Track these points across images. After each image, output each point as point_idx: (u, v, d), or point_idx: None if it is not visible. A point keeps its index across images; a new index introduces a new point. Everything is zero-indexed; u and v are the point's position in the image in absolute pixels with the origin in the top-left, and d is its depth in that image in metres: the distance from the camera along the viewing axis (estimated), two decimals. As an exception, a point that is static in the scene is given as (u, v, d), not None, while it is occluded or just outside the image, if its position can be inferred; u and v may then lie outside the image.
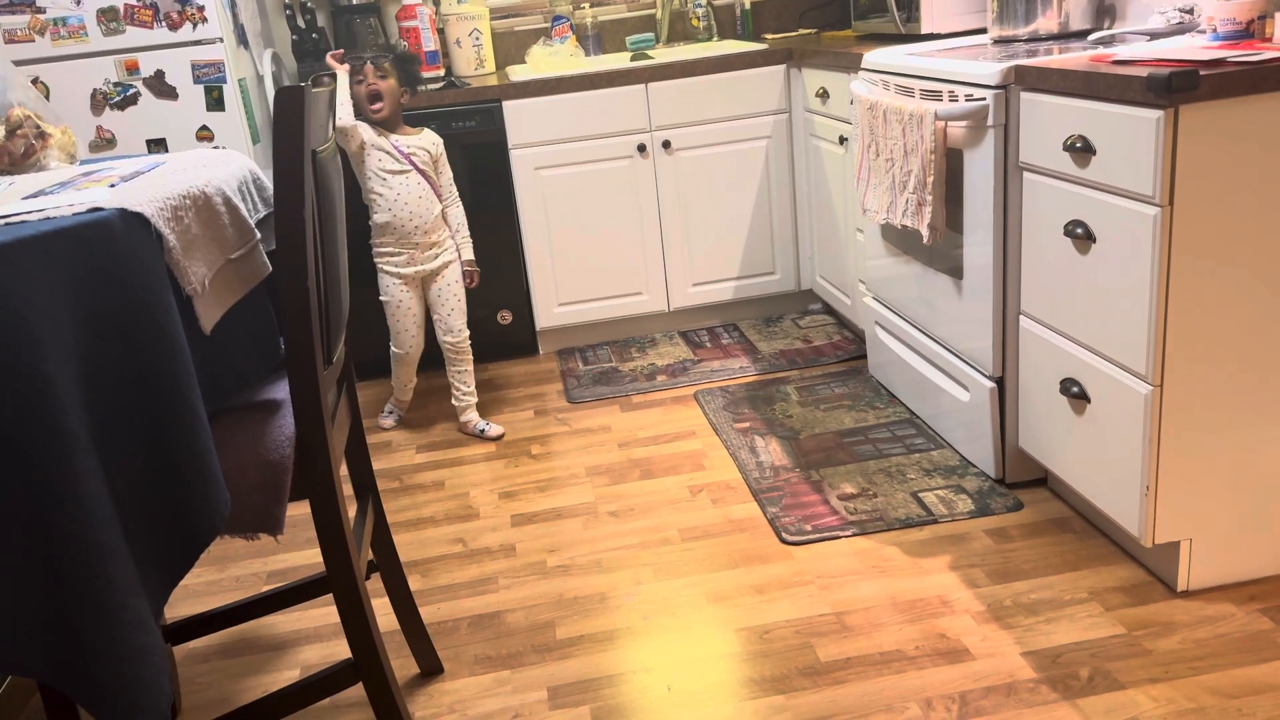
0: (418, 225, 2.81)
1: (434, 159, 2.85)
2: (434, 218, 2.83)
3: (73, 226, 1.14)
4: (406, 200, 2.78)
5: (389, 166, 2.78)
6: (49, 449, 1.07)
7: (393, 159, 2.78)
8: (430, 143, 2.85)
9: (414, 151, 2.81)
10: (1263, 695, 1.63)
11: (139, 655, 1.14)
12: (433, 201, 2.83)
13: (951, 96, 2.24)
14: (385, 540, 1.84)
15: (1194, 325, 1.74)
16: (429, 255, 2.86)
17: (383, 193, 2.79)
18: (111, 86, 3.07)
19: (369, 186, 2.79)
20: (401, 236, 2.81)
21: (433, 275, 2.89)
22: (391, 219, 2.80)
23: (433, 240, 2.86)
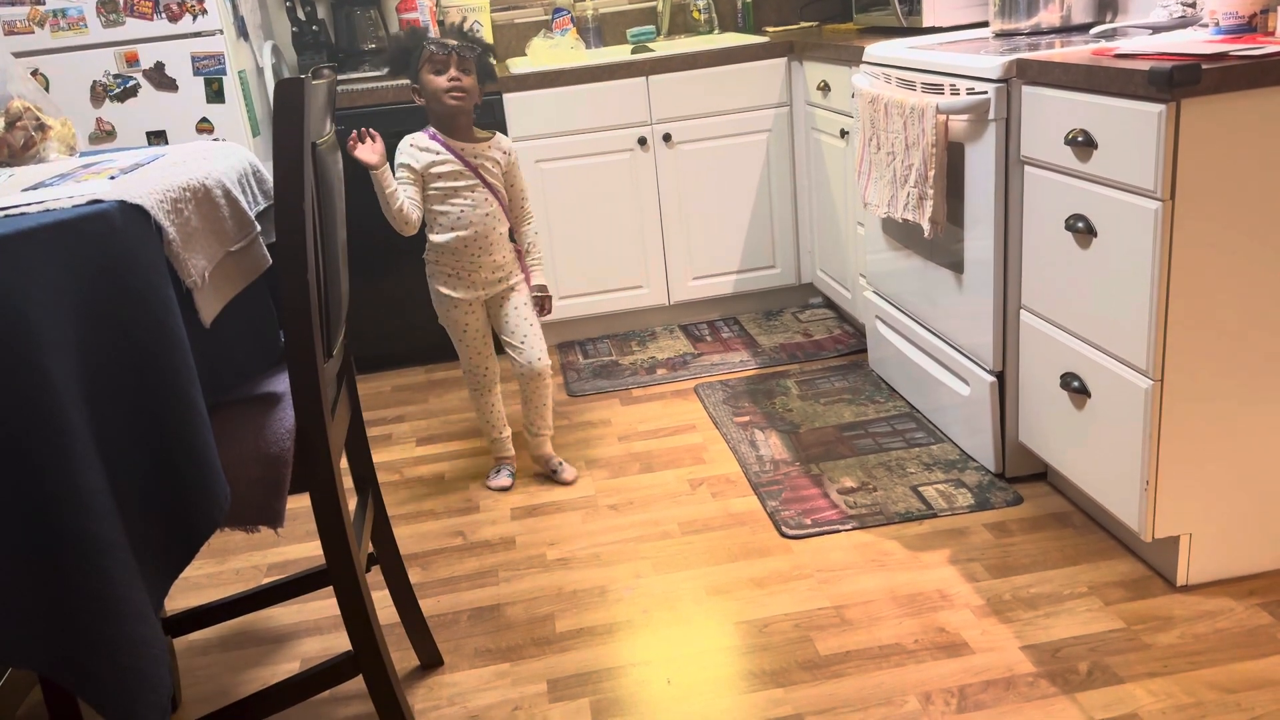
0: (483, 246, 2.41)
1: (505, 170, 2.43)
2: (501, 237, 2.43)
3: (72, 219, 1.14)
4: (471, 219, 2.37)
5: (452, 182, 2.36)
6: (48, 442, 1.07)
7: (457, 172, 2.36)
8: (501, 152, 2.42)
9: (482, 163, 2.38)
10: (1262, 690, 1.63)
11: (139, 648, 1.14)
12: (501, 219, 2.42)
13: (953, 90, 2.24)
14: (385, 533, 1.84)
15: (1195, 320, 1.74)
16: (494, 279, 2.46)
17: (445, 211, 2.37)
18: (111, 78, 3.06)
19: (428, 205, 2.38)
20: (463, 259, 2.41)
21: (498, 299, 2.50)
22: (452, 239, 2.39)
23: (499, 262, 2.45)
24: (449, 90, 2.30)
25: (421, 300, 3.43)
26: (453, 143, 2.36)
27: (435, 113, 2.36)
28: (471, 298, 2.46)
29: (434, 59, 2.30)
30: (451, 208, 2.37)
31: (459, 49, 2.31)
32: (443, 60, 2.30)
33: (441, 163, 2.34)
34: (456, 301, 2.46)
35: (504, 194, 2.42)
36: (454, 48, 2.30)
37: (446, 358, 3.56)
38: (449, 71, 2.30)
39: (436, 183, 2.35)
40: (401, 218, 2.31)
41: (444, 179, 2.35)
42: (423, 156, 2.35)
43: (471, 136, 2.39)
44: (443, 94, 2.30)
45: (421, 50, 2.32)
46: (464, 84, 2.31)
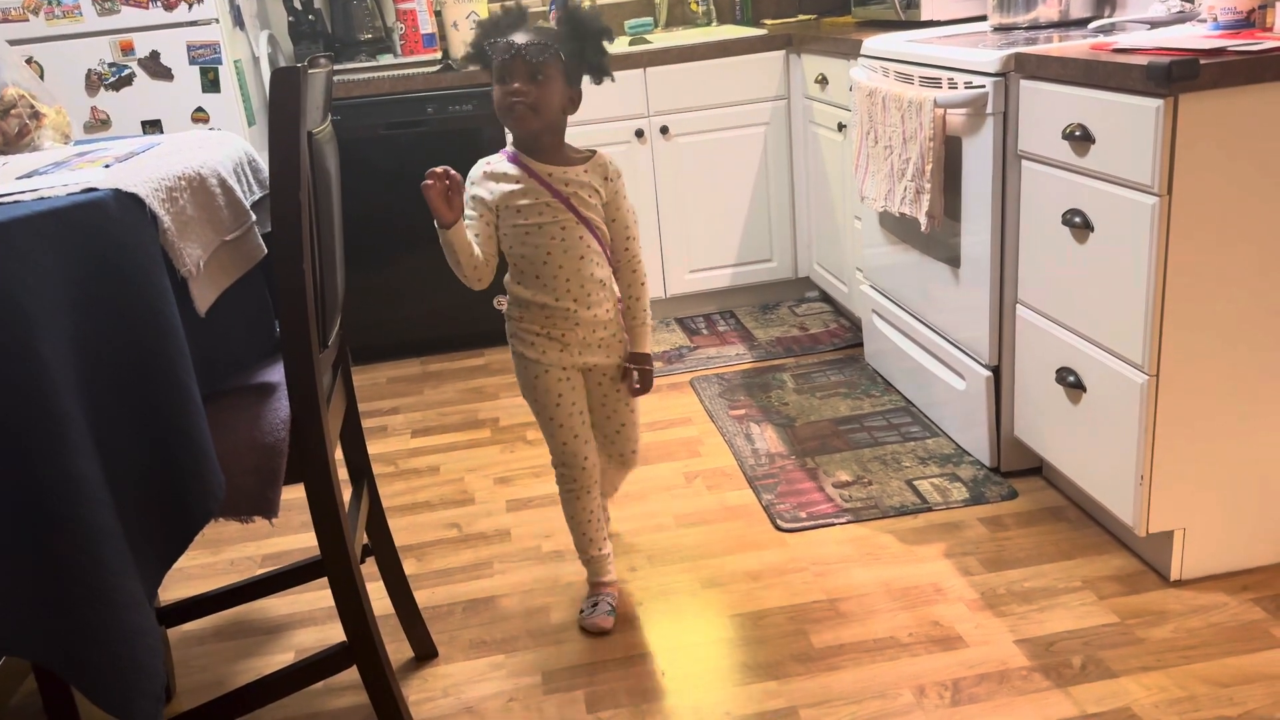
0: (579, 298, 1.83)
1: (606, 200, 1.84)
2: (603, 287, 1.85)
3: (67, 207, 1.14)
4: (561, 263, 1.80)
5: (537, 217, 1.78)
6: (43, 430, 1.07)
7: (542, 205, 1.79)
8: (601, 177, 1.83)
9: (575, 192, 1.80)
10: (1254, 684, 1.64)
11: (133, 637, 1.14)
12: (601, 263, 1.84)
13: (951, 84, 2.24)
14: (380, 524, 1.84)
15: (1191, 315, 1.74)
16: (595, 341, 1.88)
17: (528, 254, 1.80)
18: (106, 67, 3.05)
19: (507, 246, 1.83)
20: (555, 315, 1.84)
21: (597, 375, 1.93)
22: (534, 292, 1.83)
23: (600, 318, 1.86)
24: (508, 107, 1.74)
25: (417, 292, 3.44)
26: (537, 166, 1.79)
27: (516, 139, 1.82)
28: (567, 364, 1.88)
29: (495, 62, 1.75)
30: (536, 249, 1.79)
31: (526, 50, 1.71)
32: (504, 65, 1.73)
33: (522, 193, 1.78)
34: (547, 367, 1.87)
35: (604, 231, 1.84)
36: (519, 48, 1.71)
37: (442, 350, 3.56)
38: (512, 82, 1.72)
39: (516, 218, 1.79)
40: (475, 275, 1.79)
41: (525, 213, 1.78)
42: (498, 186, 1.79)
43: (562, 158, 1.81)
44: (504, 111, 1.75)
45: (490, 45, 1.77)
46: (530, 99, 1.72)
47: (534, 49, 1.71)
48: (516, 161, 1.80)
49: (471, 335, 3.54)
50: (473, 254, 1.77)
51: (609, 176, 1.84)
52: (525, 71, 1.72)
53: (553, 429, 1.90)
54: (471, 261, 1.77)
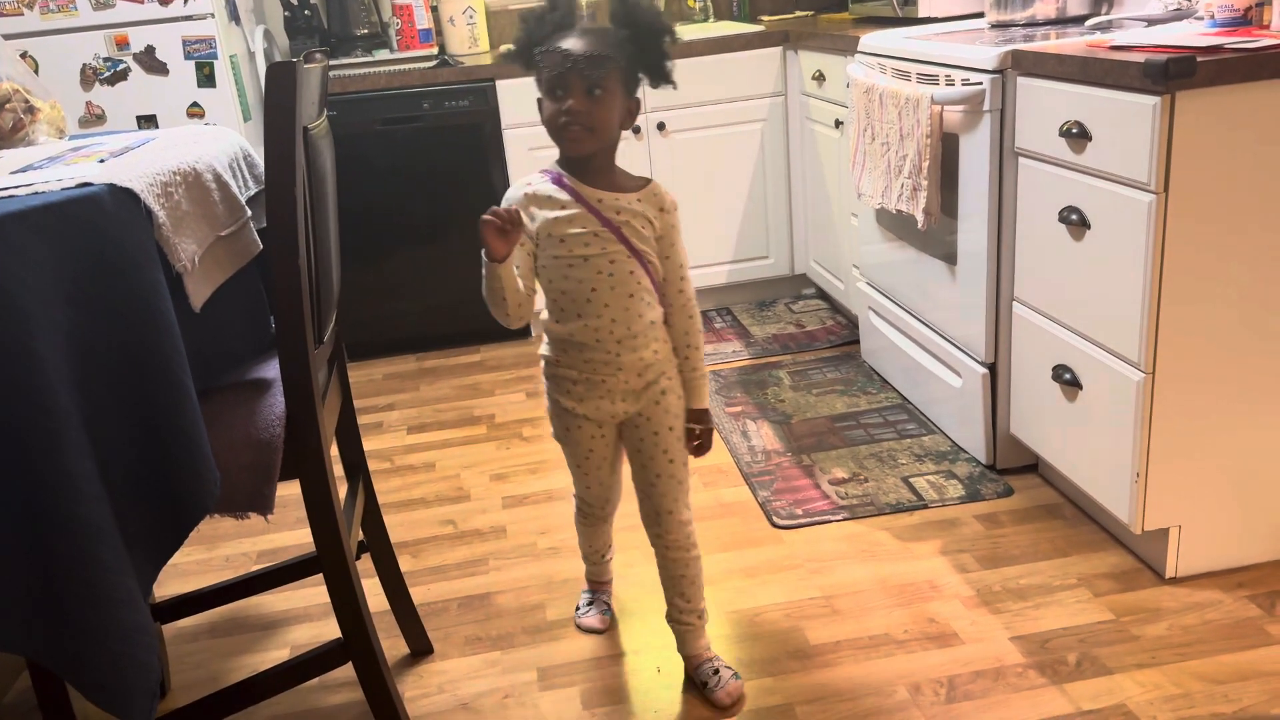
0: (624, 340, 1.59)
1: (659, 234, 1.60)
2: (652, 327, 1.62)
3: (61, 201, 1.13)
4: (607, 300, 1.57)
5: (582, 247, 1.55)
6: (37, 426, 1.07)
7: (590, 234, 1.56)
8: (655, 208, 1.59)
9: (627, 220, 1.56)
10: (1249, 681, 1.64)
11: (128, 633, 1.14)
12: (647, 301, 1.60)
13: (948, 81, 2.23)
14: (376, 521, 1.84)
15: (1187, 313, 1.74)
16: (638, 387, 1.64)
17: (570, 289, 1.58)
18: (101, 62, 3.04)
19: (545, 278, 1.61)
20: (595, 358, 1.61)
21: (635, 419, 1.68)
22: (580, 329, 1.60)
23: (646, 361, 1.63)
24: (560, 127, 1.51)
25: (414, 288, 3.44)
26: (585, 190, 1.55)
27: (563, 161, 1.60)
28: (605, 417, 1.67)
29: (547, 74, 1.51)
30: (580, 284, 1.57)
31: (583, 63, 1.48)
32: (557, 79, 1.50)
33: (568, 220, 1.55)
34: (581, 422, 1.68)
35: (656, 267, 1.61)
36: (576, 61, 1.48)
37: (438, 346, 3.55)
38: (566, 99, 1.49)
39: (558, 248, 1.56)
40: (517, 313, 1.57)
41: (570, 243, 1.55)
42: (541, 212, 1.56)
43: (614, 182, 1.58)
44: (556, 132, 1.53)
45: (540, 54, 1.54)
46: (587, 118, 1.50)
47: (592, 62, 1.48)
48: (561, 184, 1.56)
49: (468, 332, 3.53)
50: (518, 290, 1.55)
51: (665, 208, 1.59)
52: (581, 87, 1.49)
53: (579, 475, 1.78)
54: (516, 298, 1.55)
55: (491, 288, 1.54)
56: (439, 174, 3.32)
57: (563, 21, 1.55)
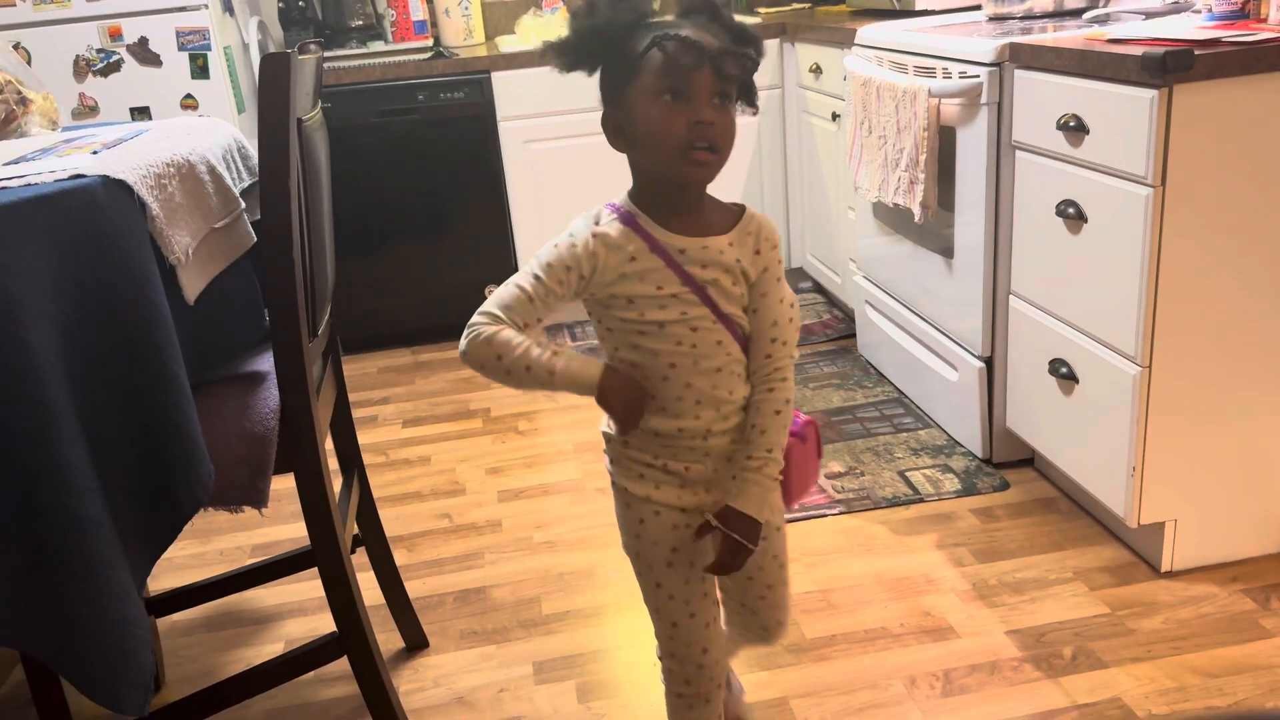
0: (708, 426, 1.23)
1: (751, 277, 1.21)
2: (737, 409, 1.24)
3: (54, 193, 1.13)
4: (689, 379, 1.21)
5: (653, 310, 1.18)
6: (30, 418, 1.06)
7: (670, 296, 1.18)
8: (751, 250, 1.21)
9: (713, 278, 1.18)
10: (1243, 675, 1.64)
11: (121, 627, 1.14)
12: (739, 375, 1.23)
13: (945, 74, 2.23)
14: (371, 514, 1.83)
15: (1183, 307, 1.74)
16: (726, 471, 1.27)
17: (633, 360, 1.22)
18: (94, 53, 3.02)
19: (609, 343, 1.25)
20: (669, 441, 1.25)
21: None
22: (649, 414, 1.24)
23: (735, 443, 1.26)
24: (684, 145, 1.12)
25: (409, 281, 3.43)
26: (666, 238, 1.17)
27: (649, 177, 1.19)
28: (689, 504, 1.27)
29: (671, 68, 1.11)
30: (655, 358, 1.20)
31: (724, 59, 1.12)
32: (686, 79, 1.11)
33: (638, 275, 1.17)
34: (658, 508, 1.27)
35: (743, 326, 1.22)
36: (716, 52, 1.11)
37: (433, 339, 3.54)
38: (700, 108, 1.11)
39: (627, 311, 1.18)
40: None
41: (640, 304, 1.18)
42: (608, 263, 1.17)
43: (703, 224, 1.19)
44: (677, 152, 1.12)
45: (644, 38, 1.13)
46: (723, 135, 1.14)
47: (736, 59, 1.13)
48: (634, 226, 1.17)
49: (463, 324, 3.49)
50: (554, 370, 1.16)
51: (761, 248, 1.20)
52: (711, 91, 1.11)
53: (660, 600, 1.30)
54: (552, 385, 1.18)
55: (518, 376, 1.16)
56: (434, 166, 3.31)
57: (643, 8, 1.17)
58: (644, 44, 1.13)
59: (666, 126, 1.11)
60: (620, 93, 1.16)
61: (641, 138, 1.15)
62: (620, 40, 1.15)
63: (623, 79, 1.15)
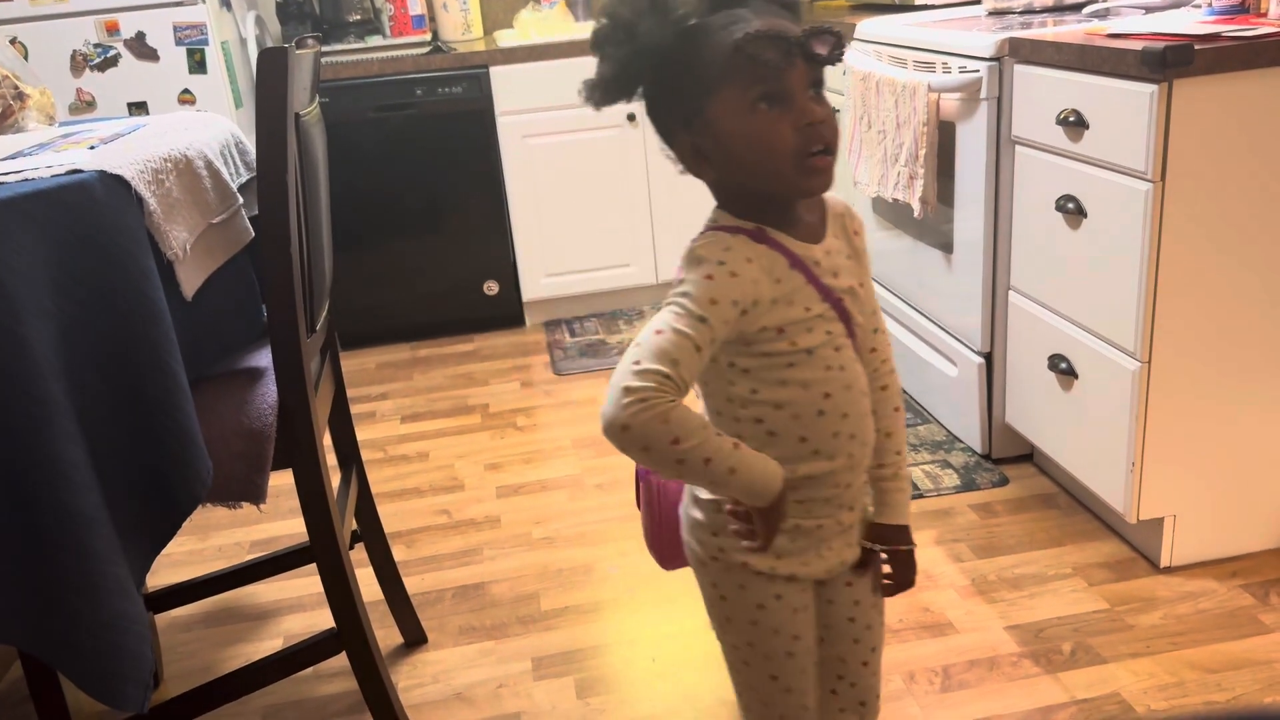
0: (856, 465, 1.07)
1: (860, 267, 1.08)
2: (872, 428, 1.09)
3: (52, 188, 1.12)
4: (845, 409, 1.04)
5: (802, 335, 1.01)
6: (27, 414, 1.06)
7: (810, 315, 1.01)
8: (844, 239, 1.07)
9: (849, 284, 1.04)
10: (1242, 670, 1.64)
11: (120, 623, 1.13)
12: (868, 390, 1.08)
13: (945, 68, 2.22)
14: (369, 510, 1.83)
15: (1183, 303, 1.74)
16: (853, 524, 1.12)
17: (779, 400, 1.02)
18: (91, 48, 3.02)
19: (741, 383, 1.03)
20: (806, 495, 1.06)
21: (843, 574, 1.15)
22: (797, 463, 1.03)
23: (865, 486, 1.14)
24: (800, 151, 0.95)
25: (407, 276, 3.42)
26: (801, 248, 1.01)
27: (750, 192, 1.01)
28: (821, 572, 1.11)
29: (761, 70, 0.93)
30: (807, 391, 1.02)
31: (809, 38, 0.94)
32: (782, 75, 0.94)
33: (788, 295, 0.99)
34: (779, 591, 1.09)
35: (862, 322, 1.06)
36: (802, 38, 0.94)
37: (431, 335, 3.54)
38: (802, 105, 0.95)
39: (775, 342, 1.00)
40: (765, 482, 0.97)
41: (791, 332, 1.00)
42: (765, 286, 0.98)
43: (814, 227, 1.04)
44: (791, 164, 0.95)
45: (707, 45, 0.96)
46: (835, 133, 0.97)
47: (821, 39, 0.94)
48: (768, 242, 0.99)
49: (461, 320, 3.52)
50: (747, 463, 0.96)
51: (857, 229, 1.09)
52: (808, 83, 0.96)
53: (772, 693, 1.13)
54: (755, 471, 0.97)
55: (688, 478, 1.01)
56: (432, 161, 3.31)
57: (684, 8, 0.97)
58: (714, 50, 0.95)
59: (772, 138, 0.95)
60: (693, 113, 0.98)
61: (739, 158, 0.97)
62: (674, 56, 0.97)
63: (694, 96, 0.97)
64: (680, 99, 0.99)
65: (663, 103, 1.01)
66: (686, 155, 1.02)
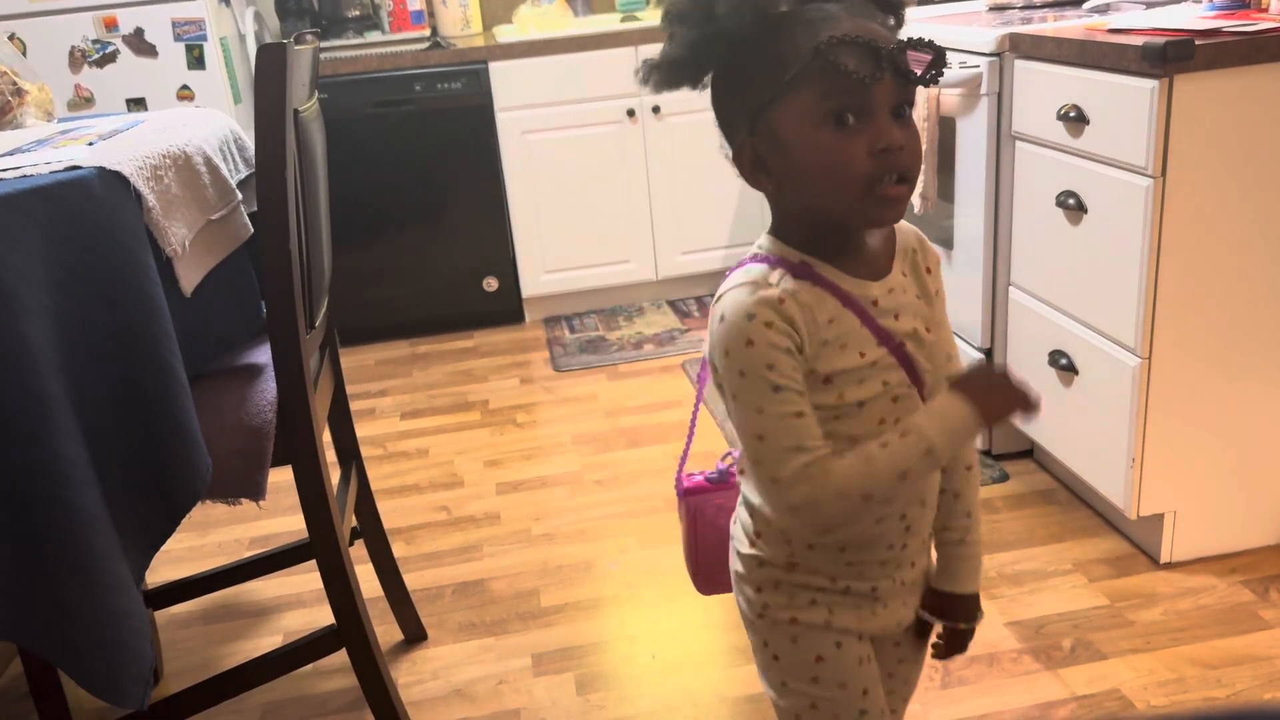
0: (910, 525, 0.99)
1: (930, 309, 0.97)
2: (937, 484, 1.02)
3: (50, 185, 1.12)
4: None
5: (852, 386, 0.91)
6: (26, 411, 1.05)
7: (864, 363, 0.91)
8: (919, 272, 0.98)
9: (912, 327, 0.94)
10: (1242, 666, 1.64)
11: (120, 620, 1.13)
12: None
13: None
14: (369, 507, 1.83)
15: (1184, 299, 1.74)
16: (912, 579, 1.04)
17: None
18: (90, 44, 3.01)
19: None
20: (856, 558, 0.98)
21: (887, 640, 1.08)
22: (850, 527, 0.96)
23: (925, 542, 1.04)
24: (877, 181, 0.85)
25: (406, 272, 3.42)
26: (856, 286, 0.91)
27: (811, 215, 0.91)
28: (877, 630, 1.02)
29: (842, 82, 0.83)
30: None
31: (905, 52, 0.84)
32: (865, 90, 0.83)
33: (840, 339, 0.90)
34: (839, 638, 1.01)
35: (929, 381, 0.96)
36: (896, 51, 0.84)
37: (431, 331, 3.54)
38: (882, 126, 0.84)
39: (822, 393, 0.90)
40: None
41: (839, 382, 0.91)
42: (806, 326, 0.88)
43: (877, 261, 0.94)
44: (859, 190, 0.85)
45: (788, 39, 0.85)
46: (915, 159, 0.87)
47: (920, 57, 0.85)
48: (816, 279, 0.89)
49: (461, 316, 3.52)
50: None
51: (930, 265, 0.99)
52: (894, 102, 0.85)
53: None
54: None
55: (902, 493, 0.92)
56: (431, 157, 3.30)
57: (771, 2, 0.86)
58: (793, 48, 0.84)
59: (841, 159, 0.84)
60: (760, 115, 0.87)
61: (803, 174, 0.87)
62: (752, 46, 0.86)
63: (763, 97, 0.86)
64: (748, 96, 0.88)
65: (729, 97, 0.91)
66: (745, 161, 0.91)
